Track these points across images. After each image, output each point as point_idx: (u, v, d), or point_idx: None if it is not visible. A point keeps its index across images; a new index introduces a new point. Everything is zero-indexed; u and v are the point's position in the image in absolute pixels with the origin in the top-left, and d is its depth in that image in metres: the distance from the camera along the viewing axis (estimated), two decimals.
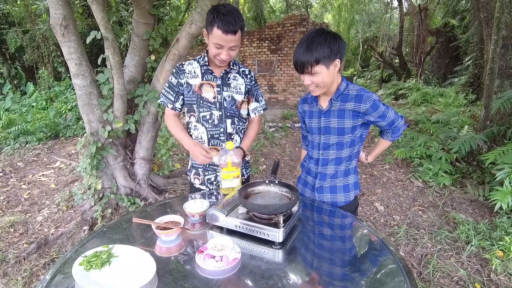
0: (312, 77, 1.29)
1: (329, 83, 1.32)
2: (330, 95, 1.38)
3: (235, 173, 1.36)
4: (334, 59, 1.26)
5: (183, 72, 1.50)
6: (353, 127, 1.37)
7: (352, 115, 1.35)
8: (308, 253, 1.06)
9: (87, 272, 0.88)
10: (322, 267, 0.98)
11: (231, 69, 1.55)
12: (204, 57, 1.51)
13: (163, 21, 3.03)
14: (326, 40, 1.23)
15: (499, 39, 3.99)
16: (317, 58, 1.23)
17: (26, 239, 2.69)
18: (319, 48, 1.22)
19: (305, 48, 1.25)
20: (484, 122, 4.23)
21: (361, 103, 1.32)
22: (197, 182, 1.65)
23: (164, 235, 1.08)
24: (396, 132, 1.45)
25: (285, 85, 10.03)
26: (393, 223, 2.94)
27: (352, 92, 1.34)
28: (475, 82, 8.69)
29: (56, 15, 2.46)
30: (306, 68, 1.26)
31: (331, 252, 1.09)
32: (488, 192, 3.24)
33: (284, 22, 9.58)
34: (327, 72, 1.27)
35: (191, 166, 1.68)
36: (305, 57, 1.25)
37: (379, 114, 1.34)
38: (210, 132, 1.55)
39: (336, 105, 1.37)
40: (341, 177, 1.46)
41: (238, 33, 1.34)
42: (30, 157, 4.99)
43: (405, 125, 1.46)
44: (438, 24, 13.22)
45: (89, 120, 2.87)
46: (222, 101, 1.52)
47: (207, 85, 1.50)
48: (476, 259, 2.36)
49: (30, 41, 9.37)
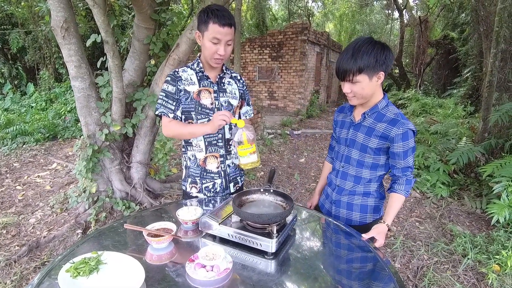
0: (352, 86, 1.24)
1: (369, 95, 1.26)
2: (366, 108, 1.33)
3: (251, 149, 1.33)
4: (378, 71, 1.20)
5: (180, 79, 1.47)
6: (377, 149, 1.31)
7: (380, 137, 1.28)
8: (301, 265, 1.04)
9: (74, 279, 0.86)
10: (315, 279, 0.96)
11: (225, 73, 1.55)
12: (199, 63, 1.49)
13: (164, 26, 3.05)
14: (374, 50, 1.18)
15: (498, 53, 4.02)
16: (361, 67, 1.18)
17: (18, 241, 2.65)
18: (364, 56, 1.17)
19: (350, 55, 1.19)
20: (482, 134, 4.24)
21: (393, 127, 1.24)
22: (194, 190, 1.59)
23: (155, 242, 1.06)
24: (408, 184, 1.31)
25: (285, 92, 10.07)
26: (389, 234, 2.91)
27: (389, 114, 1.28)
28: (473, 94, 8.75)
29: (57, 17, 2.46)
30: (348, 75, 1.21)
31: (325, 264, 1.07)
32: (485, 204, 3.23)
33: (285, 30, 9.67)
34: (369, 83, 1.22)
35: (186, 175, 1.62)
36: (348, 64, 1.19)
37: (404, 148, 1.25)
38: (208, 139, 1.52)
39: (368, 121, 1.32)
40: (359, 196, 1.41)
41: (232, 27, 1.36)
42: (27, 158, 4.96)
43: (414, 178, 1.36)
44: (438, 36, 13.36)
45: (86, 122, 2.86)
46: (219, 107, 1.51)
47: (204, 91, 1.49)
48: (472, 273, 2.34)
49: (32, 42, 9.41)
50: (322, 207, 1.58)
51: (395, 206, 1.32)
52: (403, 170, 1.30)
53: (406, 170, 1.30)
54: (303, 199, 3.68)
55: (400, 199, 1.32)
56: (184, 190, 1.64)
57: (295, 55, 9.57)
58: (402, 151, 1.26)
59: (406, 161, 1.28)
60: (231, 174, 1.60)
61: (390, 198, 1.34)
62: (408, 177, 1.31)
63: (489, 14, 5.29)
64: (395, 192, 1.33)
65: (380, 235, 1.25)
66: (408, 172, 1.30)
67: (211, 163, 1.54)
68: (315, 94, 10.91)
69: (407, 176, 1.30)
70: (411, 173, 1.32)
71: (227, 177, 1.59)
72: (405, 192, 1.31)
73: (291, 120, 8.49)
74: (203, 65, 1.49)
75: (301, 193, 3.86)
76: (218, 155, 1.54)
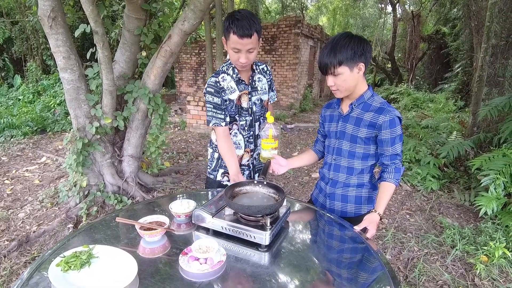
0: (335, 79, 1.28)
1: (352, 87, 1.30)
2: (352, 99, 1.36)
3: (273, 145, 1.41)
4: (357, 62, 1.25)
5: (223, 90, 1.54)
6: (367, 139, 1.34)
7: (368, 126, 1.32)
8: (295, 257, 1.04)
9: (65, 273, 0.84)
10: (308, 271, 0.97)
11: (254, 71, 1.63)
12: (233, 68, 1.55)
13: (155, 16, 2.99)
14: (351, 42, 1.23)
15: (488, 48, 4.07)
16: (340, 59, 1.23)
17: (7, 236, 2.60)
18: (342, 49, 1.22)
19: (329, 49, 1.25)
20: (472, 129, 4.31)
21: (380, 115, 1.28)
22: (225, 179, 1.70)
23: (148, 235, 1.05)
24: (397, 172, 1.33)
25: (278, 86, 10.03)
26: (381, 226, 2.96)
27: (375, 104, 1.32)
28: (464, 89, 8.87)
29: (44, 6, 2.39)
30: (330, 69, 1.26)
31: (318, 256, 1.08)
32: (473, 197, 3.30)
33: (279, 23, 9.59)
34: (350, 74, 1.26)
35: (217, 166, 1.71)
36: (329, 58, 1.25)
37: (392, 135, 1.28)
38: (245, 138, 1.65)
39: (355, 112, 1.35)
40: (353, 187, 1.43)
41: (254, 35, 1.37)
42: (15, 152, 4.86)
43: (403, 167, 1.38)
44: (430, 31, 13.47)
45: (76, 115, 2.80)
46: (252, 106, 1.62)
47: (243, 95, 1.58)
48: (460, 263, 2.39)
49: (19, 33, 9.15)
50: (315, 202, 1.59)
51: (386, 194, 1.32)
52: (392, 158, 1.32)
53: (394, 157, 1.32)
54: (296, 193, 3.70)
55: (391, 187, 1.33)
56: (213, 178, 1.74)
57: (289, 49, 9.52)
58: (390, 138, 1.29)
59: (394, 148, 1.31)
60: (256, 166, 1.76)
61: (381, 187, 1.35)
62: (397, 165, 1.33)
63: (481, 9, 5.34)
64: (385, 181, 1.34)
65: (372, 224, 1.27)
66: (397, 160, 1.33)
67: (245, 158, 1.68)
68: (308, 88, 10.91)
69: (395, 164, 1.33)
70: (400, 161, 1.34)
71: (254, 169, 1.75)
72: (395, 180, 1.33)
73: (284, 114, 8.49)
74: (237, 68, 1.56)
75: (294, 187, 3.88)
76: (249, 150, 1.68)
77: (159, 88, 3.01)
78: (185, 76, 11.59)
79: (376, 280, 0.96)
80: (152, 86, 2.92)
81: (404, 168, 1.43)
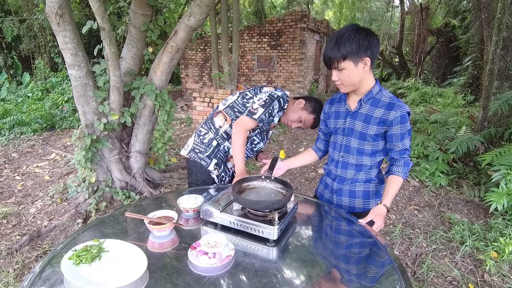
0: (339, 73, 1.25)
1: (357, 82, 1.26)
2: (360, 95, 1.32)
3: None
4: (363, 56, 1.20)
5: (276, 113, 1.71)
6: (376, 135, 1.31)
7: (378, 123, 1.29)
8: (303, 251, 1.04)
9: (76, 266, 0.86)
10: (316, 265, 0.97)
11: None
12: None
13: (161, 12, 2.98)
14: (356, 36, 1.17)
15: (499, 40, 3.97)
16: (344, 53, 1.18)
17: (19, 230, 2.66)
18: (347, 43, 1.17)
19: (334, 43, 1.20)
20: (482, 123, 4.23)
21: (391, 111, 1.25)
22: (216, 172, 1.73)
23: (157, 230, 1.06)
24: (406, 166, 1.32)
25: (284, 81, 9.98)
26: (388, 222, 2.94)
27: (385, 99, 1.29)
28: (474, 83, 8.70)
29: (51, 3, 2.40)
30: (334, 63, 1.22)
31: (326, 251, 1.07)
32: (483, 193, 3.25)
33: (284, 18, 9.51)
34: (355, 69, 1.22)
35: (212, 154, 1.73)
36: (333, 52, 1.20)
37: (402, 130, 1.27)
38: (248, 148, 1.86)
39: (365, 108, 1.31)
40: (361, 182, 1.41)
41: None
42: (25, 148, 4.94)
43: (412, 162, 1.37)
44: (438, 24, 13.19)
45: (84, 112, 2.83)
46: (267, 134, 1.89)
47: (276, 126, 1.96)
48: (470, 260, 2.37)
49: (27, 31, 9.24)
50: (321, 197, 1.58)
51: (394, 187, 1.32)
52: (401, 153, 1.32)
53: (403, 152, 1.32)
54: (302, 188, 3.70)
55: (399, 181, 1.32)
56: (205, 166, 1.70)
57: (294, 44, 9.45)
58: (400, 133, 1.28)
59: (403, 143, 1.30)
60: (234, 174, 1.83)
61: (389, 181, 1.34)
62: (406, 160, 1.33)
63: (491, 1, 5.20)
64: (393, 174, 1.34)
65: (379, 217, 1.25)
66: (406, 154, 1.32)
67: (232, 162, 1.77)
68: (314, 83, 10.83)
69: (404, 158, 1.32)
70: (408, 155, 1.33)
71: (233, 175, 1.82)
72: (403, 174, 1.32)
73: None
74: None
75: (301, 182, 3.87)
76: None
77: (165, 84, 3.01)
78: (190, 72, 11.60)
79: (385, 275, 0.95)
80: (158, 82, 2.93)
81: (412, 163, 1.42)
